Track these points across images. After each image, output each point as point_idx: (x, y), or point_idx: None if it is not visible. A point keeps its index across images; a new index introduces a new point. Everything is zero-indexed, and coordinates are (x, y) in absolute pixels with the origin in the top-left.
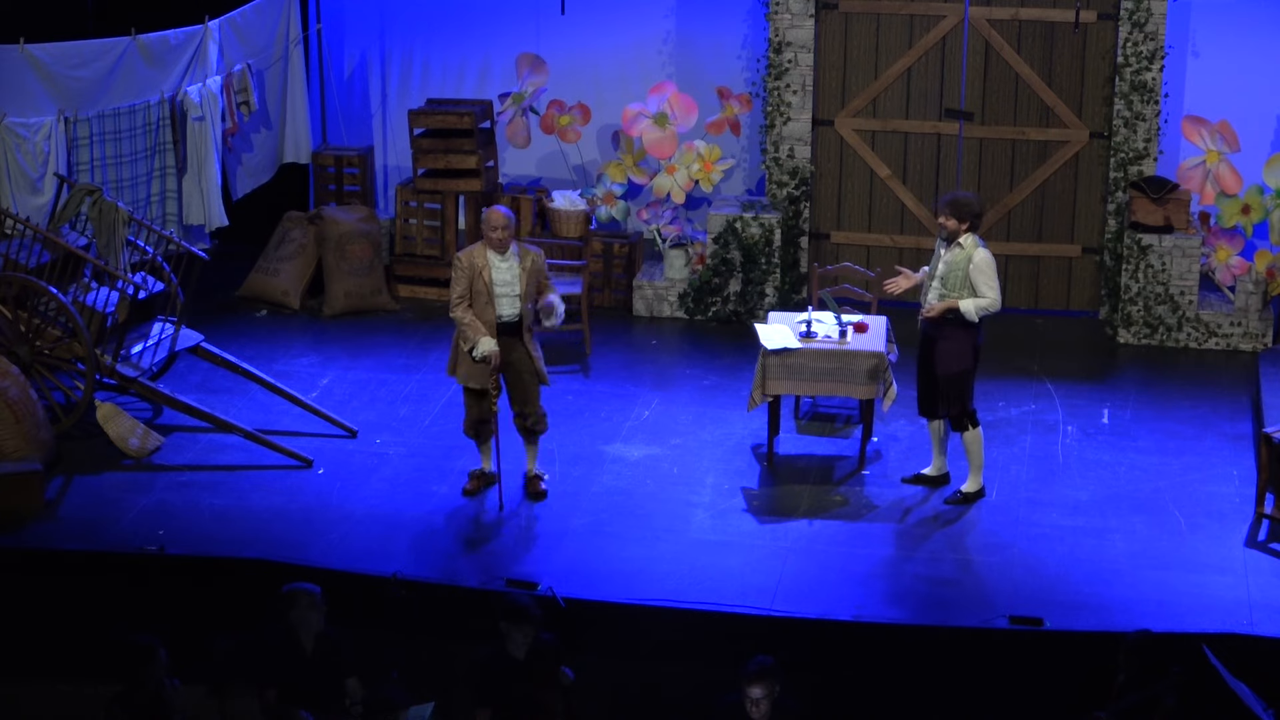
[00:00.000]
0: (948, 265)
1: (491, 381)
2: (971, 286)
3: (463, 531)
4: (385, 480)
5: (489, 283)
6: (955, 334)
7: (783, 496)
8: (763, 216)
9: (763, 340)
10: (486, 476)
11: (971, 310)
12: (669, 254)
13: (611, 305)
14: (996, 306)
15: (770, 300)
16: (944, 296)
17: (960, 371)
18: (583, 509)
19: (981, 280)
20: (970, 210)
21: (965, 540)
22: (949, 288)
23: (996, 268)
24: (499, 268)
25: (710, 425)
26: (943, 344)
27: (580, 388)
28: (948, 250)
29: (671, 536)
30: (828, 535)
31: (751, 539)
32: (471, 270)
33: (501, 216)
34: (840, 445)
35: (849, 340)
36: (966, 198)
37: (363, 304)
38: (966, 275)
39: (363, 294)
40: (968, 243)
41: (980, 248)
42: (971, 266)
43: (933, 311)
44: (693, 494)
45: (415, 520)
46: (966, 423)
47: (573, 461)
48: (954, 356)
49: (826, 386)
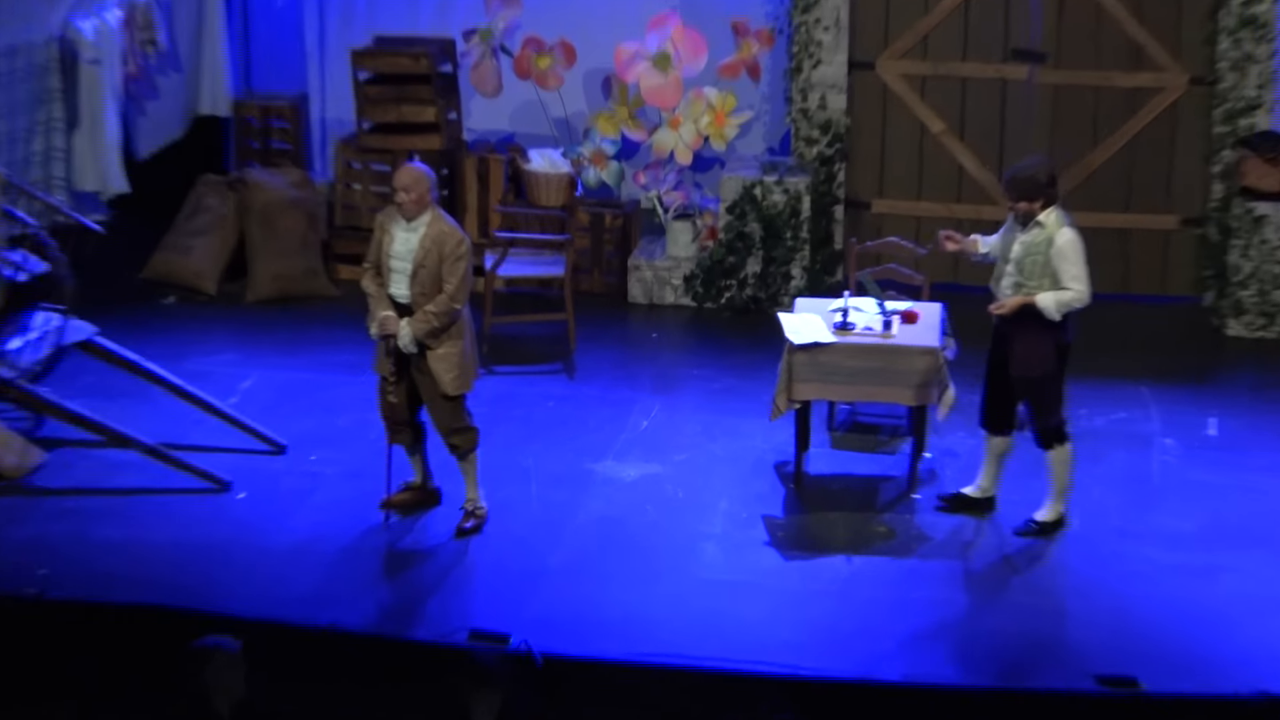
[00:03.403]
0: (1025, 248)
1: (388, 368)
2: (1053, 275)
3: (416, 570)
4: (321, 506)
5: (385, 253)
6: (1035, 332)
7: (814, 527)
8: (788, 181)
9: (788, 333)
10: (416, 492)
11: (1053, 307)
12: (672, 227)
13: (602, 290)
14: (1085, 300)
15: (797, 284)
16: (1020, 286)
17: (1041, 376)
18: (565, 542)
19: (1066, 268)
20: (1036, 184)
21: (1041, 581)
22: (1026, 276)
23: (1084, 250)
24: (399, 237)
25: (723, 438)
26: (1020, 344)
27: (563, 392)
28: (1025, 230)
29: (675, 576)
30: (870, 575)
31: (775, 580)
32: (380, 234)
33: (408, 175)
34: (885, 463)
35: (895, 333)
36: (1028, 170)
37: (295, 289)
38: (1048, 261)
39: (295, 276)
40: (1050, 220)
41: (1066, 226)
42: (1054, 251)
43: (1004, 308)
44: (702, 523)
45: (358, 556)
46: (1055, 437)
47: (553, 483)
48: (1034, 358)
49: (868, 390)
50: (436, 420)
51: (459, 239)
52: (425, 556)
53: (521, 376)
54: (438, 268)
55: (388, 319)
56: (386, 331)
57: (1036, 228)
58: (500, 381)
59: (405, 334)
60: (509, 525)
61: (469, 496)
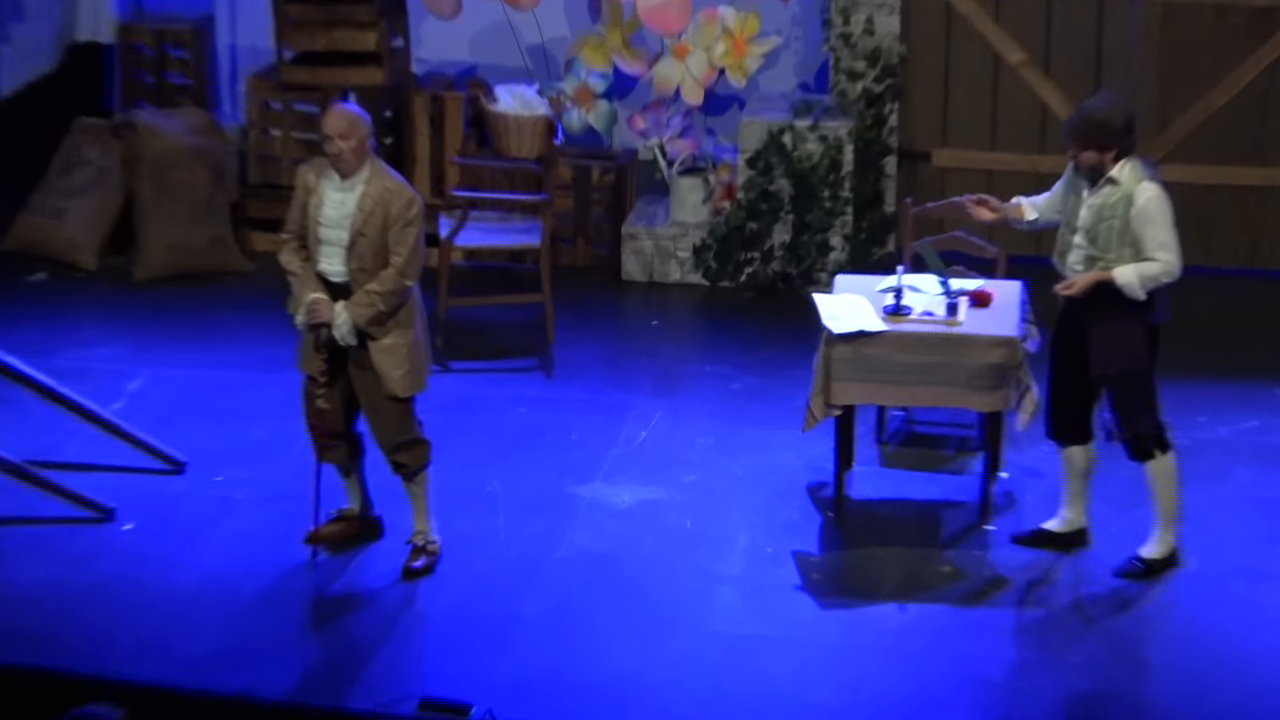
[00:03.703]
0: (1095, 212)
1: (317, 365)
2: (1134, 244)
3: (352, 621)
4: (229, 540)
5: (312, 218)
6: (1118, 317)
7: (858, 566)
8: (825, 126)
9: (826, 320)
10: (350, 522)
11: (1136, 282)
12: (678, 184)
13: (588, 265)
14: (1175, 272)
15: (838, 257)
16: (1093, 261)
17: (1128, 372)
18: (542, 586)
19: (1151, 233)
20: (1110, 130)
21: (1146, 635)
22: (1100, 247)
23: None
24: (331, 198)
25: (743, 454)
26: (1099, 331)
27: (538, 394)
28: (1093, 189)
29: (683, 630)
30: (929, 628)
31: (808, 633)
32: (304, 193)
33: (343, 119)
34: (949, 486)
35: (963, 319)
36: (1100, 111)
37: (196, 263)
38: (1126, 227)
39: (196, 247)
40: (1126, 176)
41: (1148, 181)
42: (1134, 213)
43: (1075, 287)
44: (716, 562)
45: (277, 603)
46: (1152, 446)
47: (526, 511)
48: (1118, 349)
49: (927, 393)
50: (379, 431)
51: (409, 198)
52: (363, 604)
53: (485, 375)
54: (382, 236)
55: (318, 303)
56: (317, 319)
57: (1109, 185)
58: (458, 382)
59: (343, 321)
60: (470, 564)
61: (418, 528)
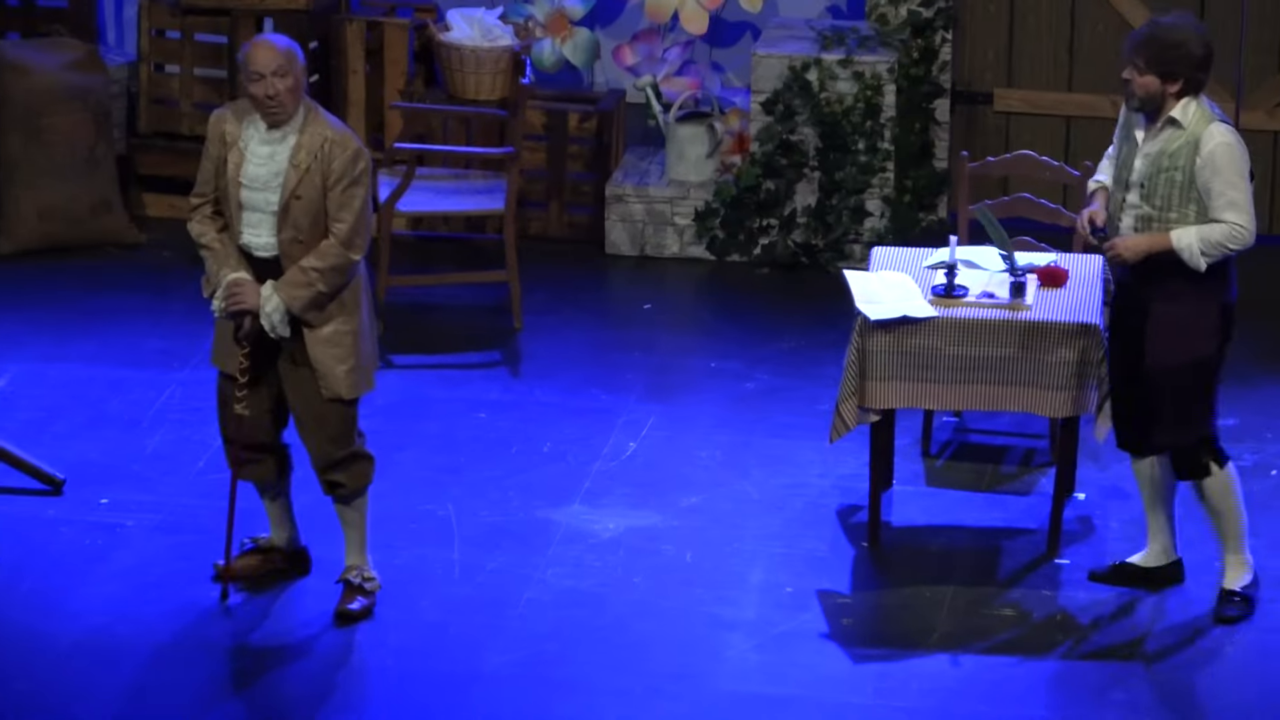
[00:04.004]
0: (1151, 161)
1: (237, 362)
2: (1199, 201)
3: (276, 679)
4: (118, 577)
5: (232, 178)
6: (1179, 292)
7: (899, 610)
8: (860, 60)
9: (860, 304)
10: (271, 555)
11: (1198, 248)
12: (677, 134)
13: (564, 235)
14: (1248, 238)
15: (876, 225)
16: (1149, 222)
17: (1191, 363)
18: (507, 634)
19: (1219, 189)
20: (1182, 55)
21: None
22: (1157, 205)
23: (1249, 164)
24: (256, 152)
25: (757, 469)
26: (1157, 310)
27: (502, 397)
28: (1150, 131)
29: (683, 688)
30: (986, 685)
31: (837, 693)
32: (219, 146)
33: (274, 54)
34: (1011, 509)
35: (1030, 302)
36: (1174, 33)
37: (75, 232)
38: (1190, 180)
39: (74, 214)
40: (1191, 117)
41: (1218, 123)
42: (1200, 163)
43: (1127, 250)
44: (724, 604)
45: (182, 657)
46: (1206, 459)
47: (488, 541)
48: (1179, 334)
49: (986, 393)
50: (314, 442)
51: (354, 150)
52: (287, 657)
53: (436, 372)
54: (321, 198)
55: (239, 284)
56: (239, 305)
57: (1171, 128)
58: (401, 381)
59: (274, 306)
60: (417, 607)
61: (352, 563)
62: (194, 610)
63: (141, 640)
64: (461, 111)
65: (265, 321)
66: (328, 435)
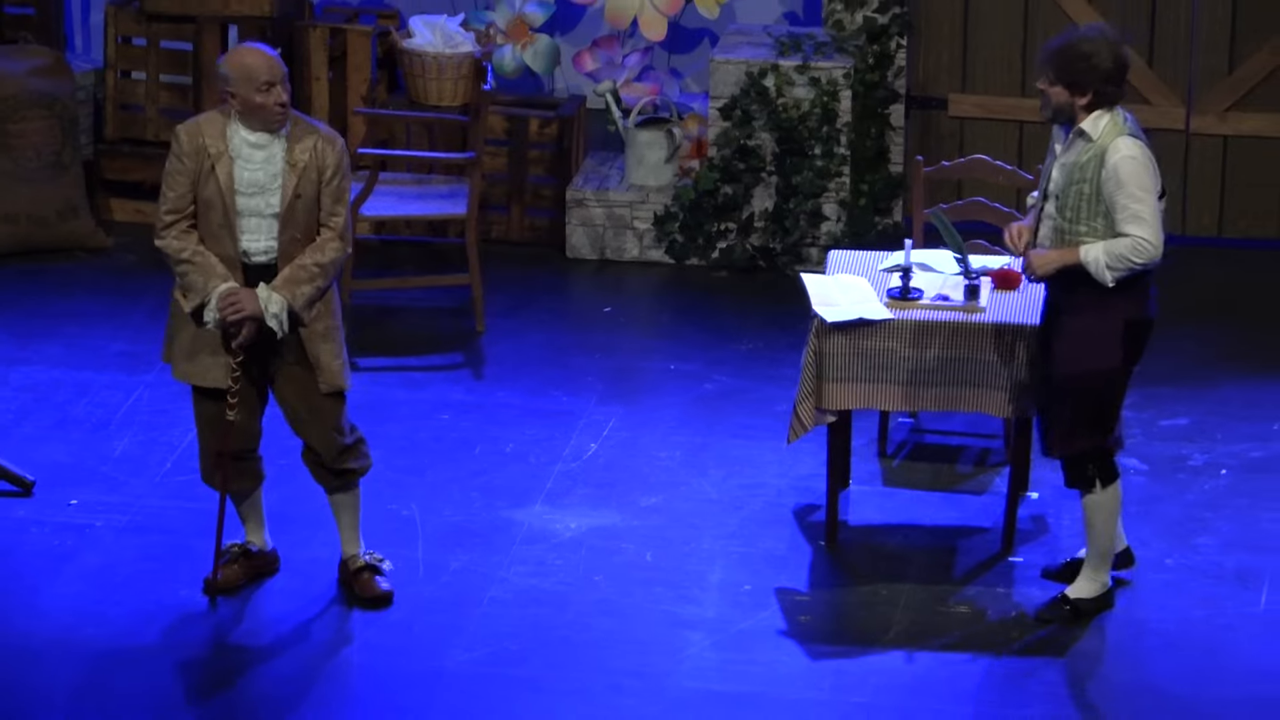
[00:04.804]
0: (1065, 173)
1: (232, 376)
2: (1107, 215)
3: (237, 680)
4: (87, 577)
5: (226, 186)
6: (1085, 305)
7: (856, 608)
8: (817, 66)
9: (817, 306)
10: (253, 558)
11: (1102, 261)
12: (636, 139)
13: (526, 239)
14: (1154, 252)
15: (832, 229)
16: (1061, 233)
17: (1089, 375)
18: (470, 633)
19: (1123, 202)
20: (1091, 68)
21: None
22: (1069, 217)
23: (1157, 175)
24: (249, 159)
25: (716, 470)
26: (1064, 321)
27: (464, 399)
28: (1065, 144)
29: (643, 686)
30: (942, 681)
31: (796, 690)
32: (198, 160)
33: (274, 61)
34: (966, 508)
35: (983, 305)
36: (1085, 44)
37: (42, 237)
38: (1097, 193)
39: (41, 217)
40: (1100, 130)
41: (1126, 137)
42: (1104, 175)
43: (1040, 266)
44: (684, 602)
45: (145, 659)
46: (1092, 473)
47: (450, 542)
48: (1081, 346)
49: (940, 395)
50: (320, 437)
51: (341, 145)
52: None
53: (399, 375)
54: (317, 194)
55: (234, 294)
56: (240, 313)
57: (1081, 140)
58: (365, 383)
59: (280, 306)
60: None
61: (354, 549)
62: (162, 608)
63: (110, 640)
64: (424, 117)
65: (273, 323)
66: (332, 427)
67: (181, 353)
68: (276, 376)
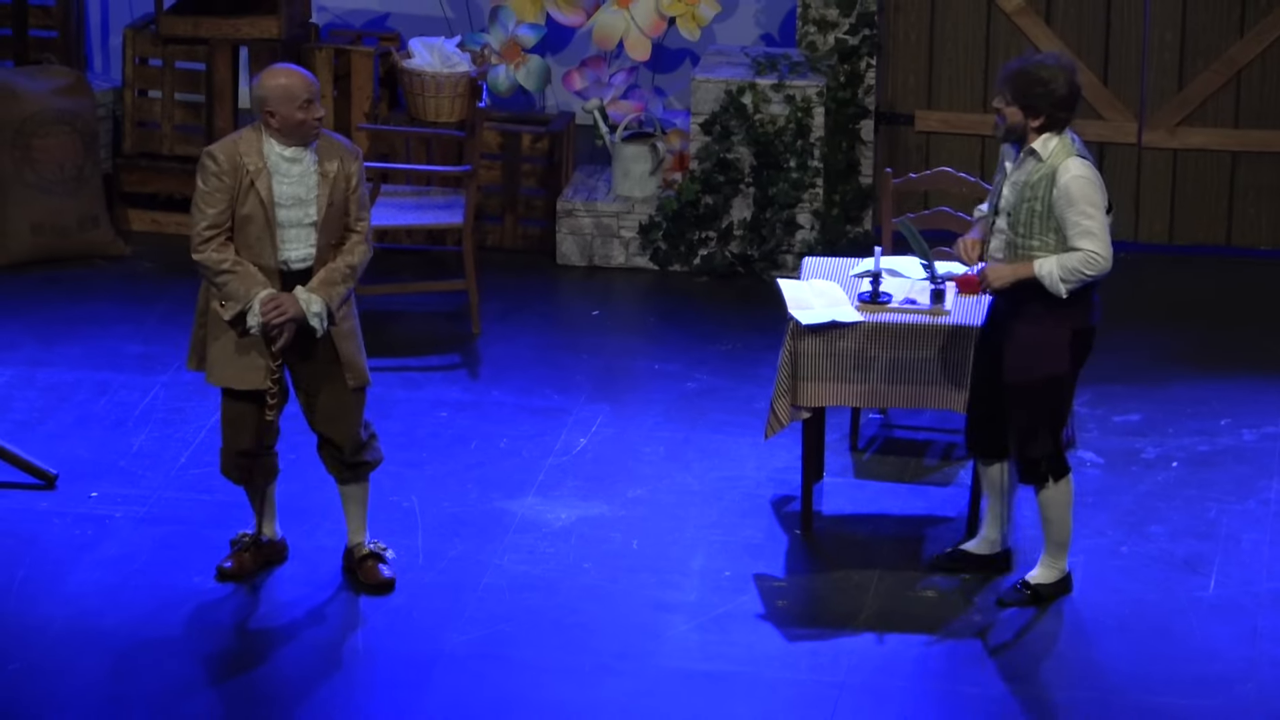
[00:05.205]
0: (1016, 191)
1: (271, 377)
2: (1059, 230)
3: (249, 661)
4: (106, 565)
5: (267, 200)
6: (1035, 314)
7: (830, 593)
8: (792, 84)
9: (793, 310)
10: (264, 547)
11: (1056, 274)
12: (622, 153)
13: (519, 246)
14: (1104, 265)
15: (806, 237)
16: (1013, 247)
17: (1041, 381)
18: (466, 617)
19: (1074, 219)
20: (1045, 92)
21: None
22: (1020, 232)
23: (1105, 192)
24: (286, 174)
25: (698, 464)
26: (1015, 329)
27: (461, 397)
28: (1016, 163)
29: (629, 666)
30: (911, 662)
31: (773, 670)
32: (236, 177)
33: (307, 80)
34: (933, 499)
35: (949, 307)
36: (1039, 69)
37: (64, 246)
38: (1049, 210)
39: (64, 227)
40: (1050, 151)
41: (1075, 158)
42: (1056, 192)
43: (996, 279)
44: (667, 588)
45: (162, 641)
46: (1046, 470)
47: (448, 531)
48: (1032, 354)
49: (908, 393)
50: (345, 431)
51: (358, 152)
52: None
53: (399, 375)
54: (345, 201)
55: (277, 299)
56: (283, 316)
57: (1032, 160)
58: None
59: (320, 307)
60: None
61: (360, 538)
62: (177, 594)
63: (128, 624)
64: (422, 133)
65: (314, 321)
66: (355, 421)
67: (218, 359)
68: (309, 376)
